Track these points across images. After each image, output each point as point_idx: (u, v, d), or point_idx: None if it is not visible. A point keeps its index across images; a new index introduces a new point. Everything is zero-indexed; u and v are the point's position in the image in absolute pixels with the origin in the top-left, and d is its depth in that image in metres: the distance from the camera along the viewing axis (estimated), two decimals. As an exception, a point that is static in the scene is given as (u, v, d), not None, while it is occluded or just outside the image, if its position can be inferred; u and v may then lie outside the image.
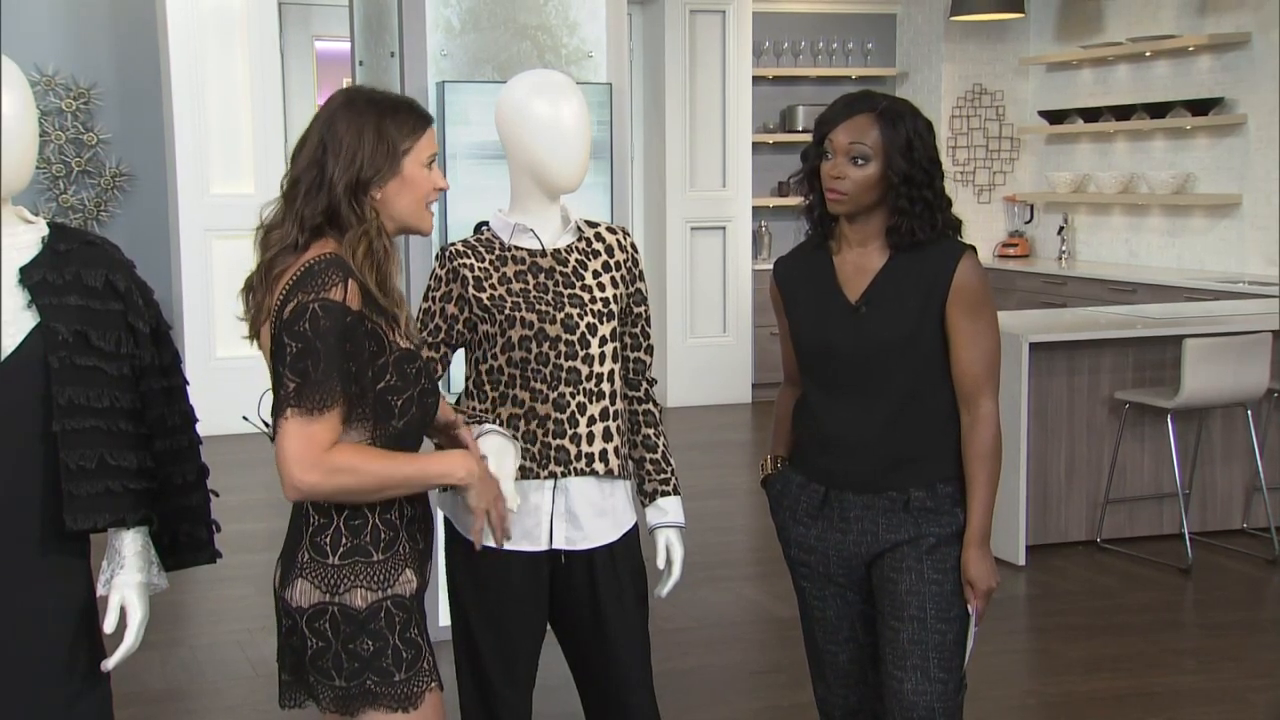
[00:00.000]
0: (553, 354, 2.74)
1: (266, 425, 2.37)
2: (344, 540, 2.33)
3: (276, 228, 2.35)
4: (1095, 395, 6.01)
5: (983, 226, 9.90)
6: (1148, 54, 8.79)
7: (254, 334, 2.38)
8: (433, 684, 2.39)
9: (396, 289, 2.38)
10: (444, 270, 2.79)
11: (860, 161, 2.70)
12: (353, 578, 2.33)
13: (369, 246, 2.32)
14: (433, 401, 2.43)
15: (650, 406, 2.95)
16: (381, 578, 2.35)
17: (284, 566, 2.39)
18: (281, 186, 2.38)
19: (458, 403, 2.82)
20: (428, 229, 2.46)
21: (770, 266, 2.98)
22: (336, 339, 2.24)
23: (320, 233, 2.33)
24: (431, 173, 2.42)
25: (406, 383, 2.35)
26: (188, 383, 2.57)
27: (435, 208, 2.48)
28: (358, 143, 2.32)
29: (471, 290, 2.76)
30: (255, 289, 2.36)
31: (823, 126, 2.77)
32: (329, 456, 2.24)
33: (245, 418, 2.33)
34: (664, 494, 2.94)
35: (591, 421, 2.78)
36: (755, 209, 9.61)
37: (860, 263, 2.79)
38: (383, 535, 2.36)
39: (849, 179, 2.71)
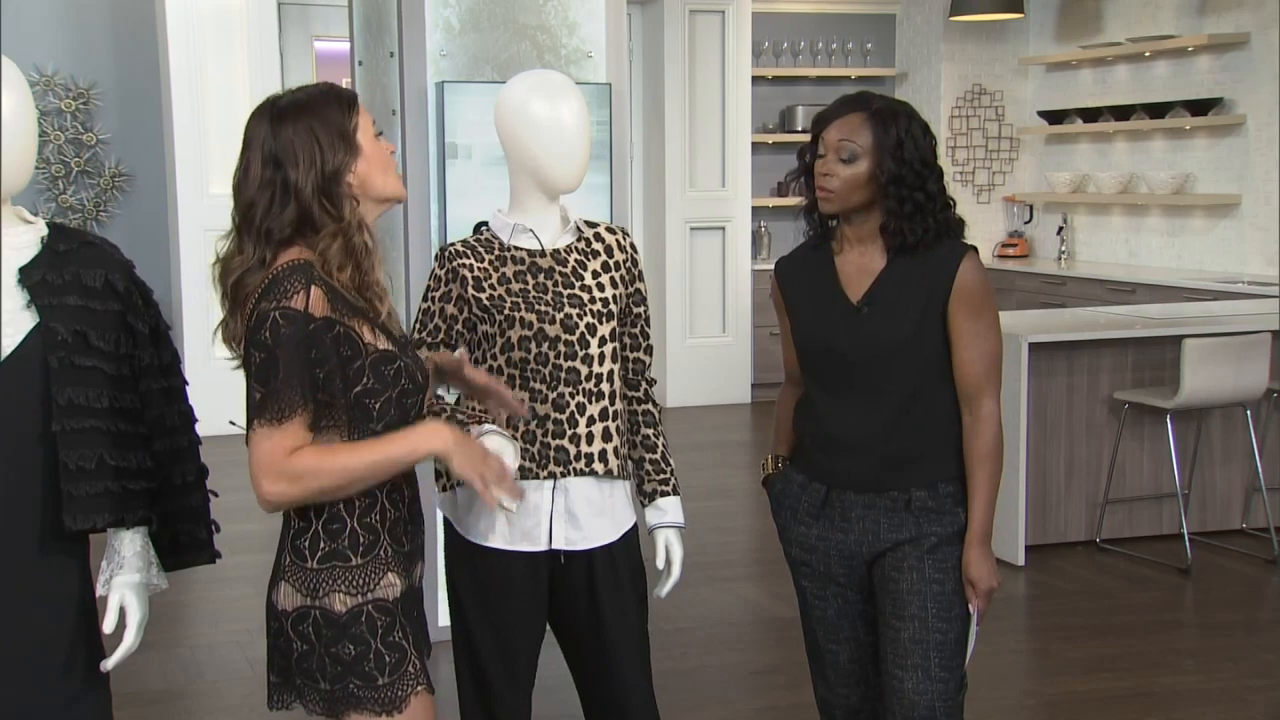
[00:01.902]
0: (552, 354, 2.74)
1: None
2: (322, 544, 2.32)
3: (236, 255, 2.32)
4: (1095, 395, 6.01)
5: (982, 227, 9.90)
6: (1147, 54, 8.79)
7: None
8: (420, 687, 2.36)
9: (378, 281, 2.35)
10: (443, 270, 2.79)
11: (849, 160, 2.71)
12: (331, 582, 2.31)
13: (347, 244, 2.30)
14: (412, 402, 2.38)
15: (650, 406, 2.95)
16: (361, 582, 2.33)
17: (272, 569, 2.40)
18: (233, 219, 2.34)
19: (457, 402, 2.82)
20: (403, 193, 2.44)
21: (770, 266, 2.98)
22: (297, 347, 2.22)
23: (289, 243, 2.30)
24: (381, 141, 2.40)
25: (384, 385, 2.31)
26: (187, 383, 2.57)
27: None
28: (311, 142, 2.29)
29: (471, 290, 2.76)
30: (229, 322, 2.33)
31: (817, 125, 2.78)
32: (290, 462, 2.23)
33: (232, 423, 2.33)
34: (663, 494, 2.94)
35: (591, 421, 2.78)
36: (755, 209, 9.61)
37: (862, 263, 2.79)
38: (362, 539, 2.34)
39: (837, 177, 2.72)
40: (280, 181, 2.28)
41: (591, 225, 2.88)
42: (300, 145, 2.29)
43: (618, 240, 2.88)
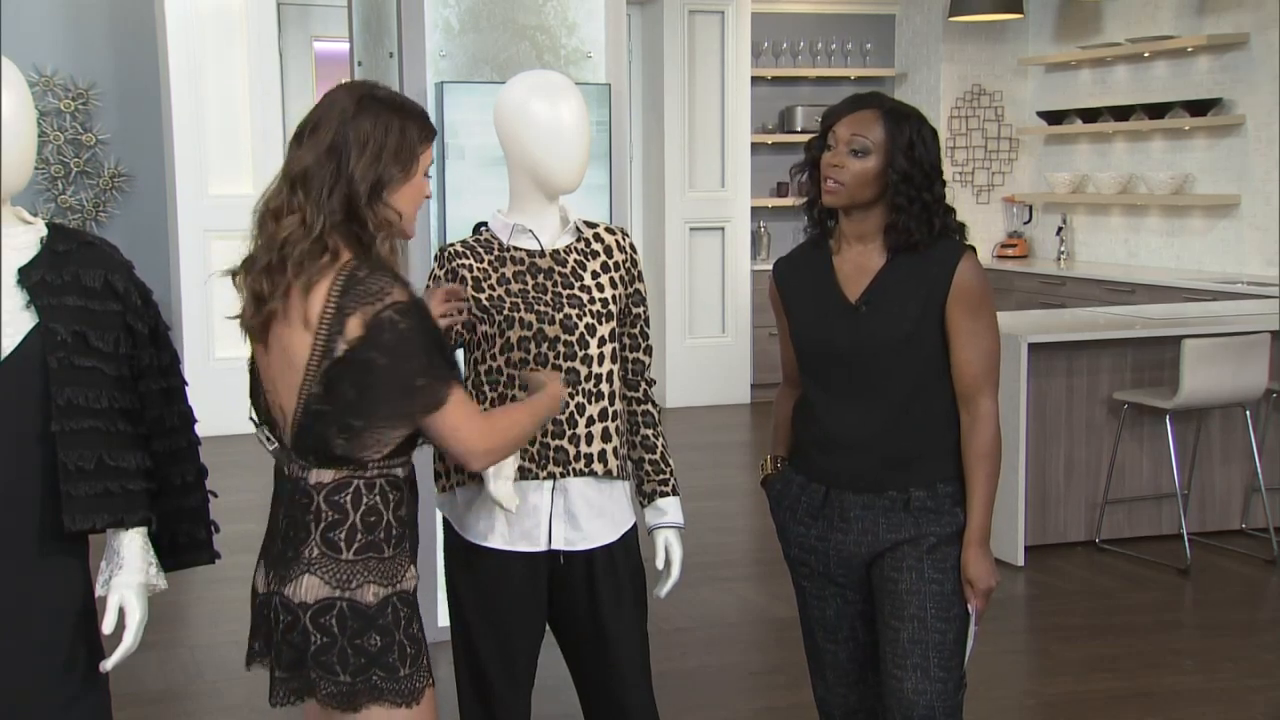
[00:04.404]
0: (551, 354, 2.74)
1: (269, 441, 2.40)
2: (359, 536, 2.34)
3: (288, 213, 2.30)
4: (1094, 396, 6.01)
5: (981, 227, 9.90)
6: (1146, 54, 8.80)
7: (263, 325, 2.33)
8: (430, 680, 2.40)
9: None
10: (442, 271, 2.79)
11: (860, 154, 2.71)
12: (365, 573, 2.33)
13: (392, 246, 2.35)
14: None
15: (649, 407, 2.95)
16: (390, 573, 2.36)
17: (281, 563, 2.37)
18: (286, 176, 2.33)
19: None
20: (412, 234, 2.48)
21: (769, 267, 2.98)
22: (423, 330, 2.29)
23: (339, 232, 2.31)
24: (425, 181, 2.43)
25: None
26: (186, 383, 2.57)
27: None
28: (384, 140, 2.32)
29: (470, 291, 2.76)
30: (273, 271, 2.29)
31: (828, 119, 2.78)
32: (491, 421, 2.42)
33: (260, 439, 2.37)
34: (663, 495, 2.94)
35: (590, 422, 2.78)
36: (754, 209, 9.61)
37: (860, 262, 2.79)
38: (394, 532, 2.38)
39: (847, 170, 2.72)
40: (338, 161, 2.30)
41: (591, 225, 2.88)
42: (374, 139, 2.31)
43: (617, 240, 2.88)
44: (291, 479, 2.38)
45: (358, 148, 2.30)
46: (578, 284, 2.79)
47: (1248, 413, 5.89)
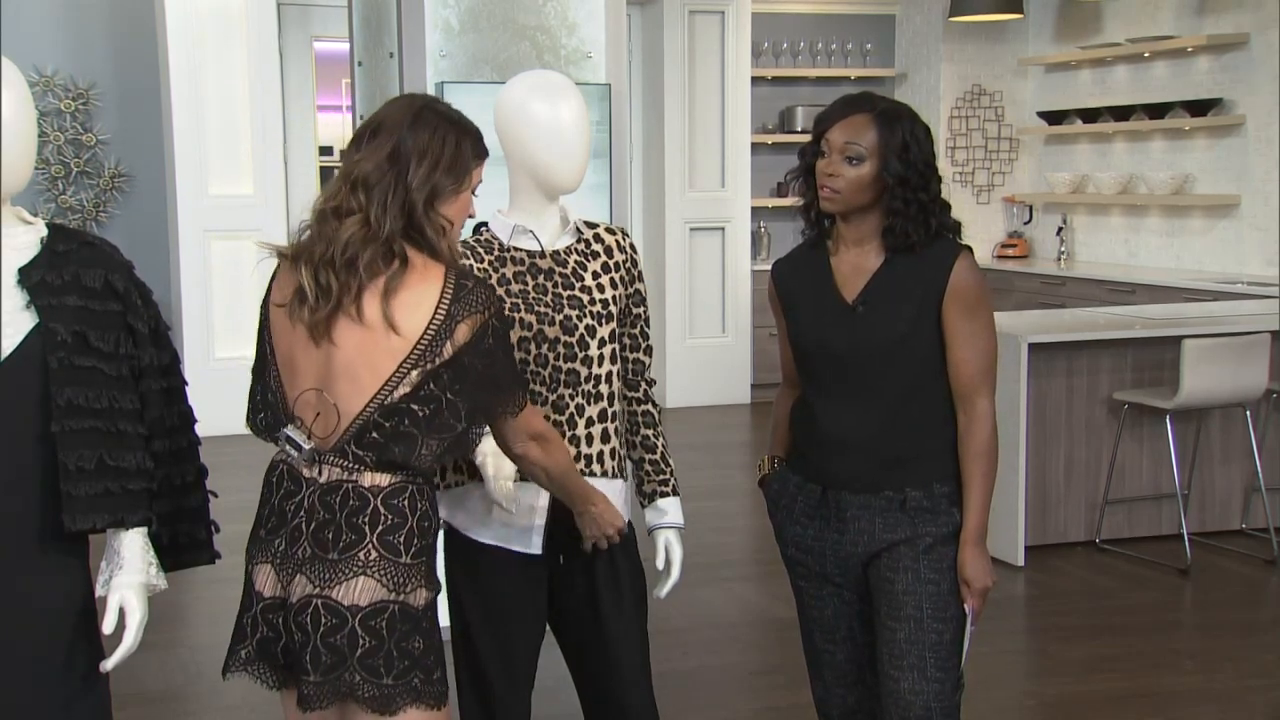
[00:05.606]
0: (551, 355, 2.74)
1: (296, 449, 2.35)
2: (416, 540, 2.36)
3: (348, 213, 2.33)
4: (1094, 396, 6.01)
5: (981, 227, 9.90)
6: (1146, 55, 8.80)
7: (327, 321, 2.31)
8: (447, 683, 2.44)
9: None
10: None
11: (855, 161, 2.71)
12: (418, 577, 2.35)
13: (451, 250, 2.40)
14: None
15: (649, 407, 2.95)
16: (434, 576, 2.40)
17: (317, 566, 2.32)
18: (349, 174, 2.36)
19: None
20: (457, 252, 2.53)
21: (769, 267, 2.99)
22: (510, 337, 2.48)
23: (403, 237, 2.34)
24: (472, 199, 2.48)
25: None
26: (186, 383, 2.57)
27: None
28: (440, 152, 2.37)
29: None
30: (338, 268, 2.30)
31: (820, 125, 2.78)
32: (547, 423, 2.60)
33: (289, 437, 2.38)
34: (663, 495, 2.94)
35: (590, 423, 2.78)
36: (754, 209, 9.61)
37: (857, 263, 2.79)
38: (436, 536, 2.42)
39: (842, 178, 2.72)
40: (398, 169, 2.35)
41: (591, 226, 2.88)
42: (432, 150, 2.37)
43: (617, 241, 2.88)
44: (327, 482, 2.34)
45: (416, 157, 2.35)
46: (578, 285, 2.79)
47: (1248, 413, 5.89)
